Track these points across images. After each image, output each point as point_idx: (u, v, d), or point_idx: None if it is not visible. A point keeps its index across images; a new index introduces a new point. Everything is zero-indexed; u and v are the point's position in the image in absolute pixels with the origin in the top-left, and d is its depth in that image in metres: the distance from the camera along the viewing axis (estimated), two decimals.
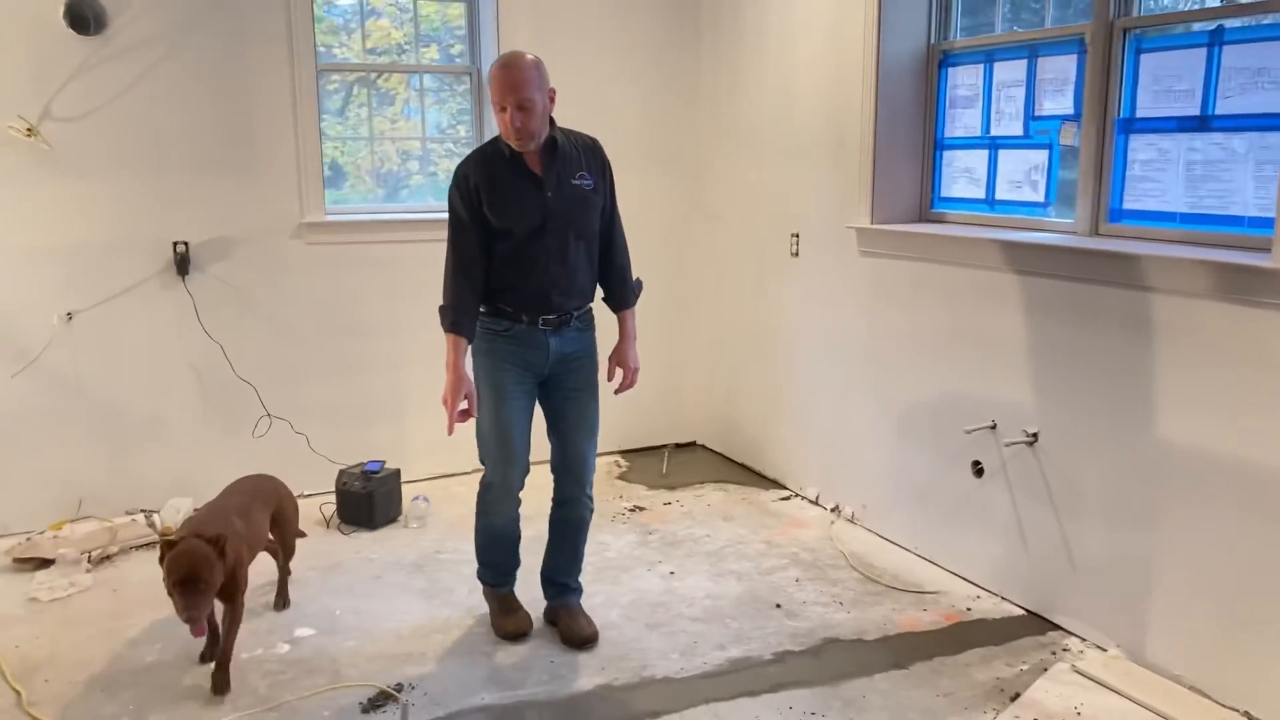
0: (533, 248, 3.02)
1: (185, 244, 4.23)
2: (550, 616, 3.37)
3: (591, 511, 3.32)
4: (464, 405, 3.03)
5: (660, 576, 3.75)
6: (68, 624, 3.39)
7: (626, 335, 3.29)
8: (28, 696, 2.93)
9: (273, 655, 3.18)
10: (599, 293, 3.27)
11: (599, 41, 4.81)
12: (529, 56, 2.95)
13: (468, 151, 3.24)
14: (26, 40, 3.91)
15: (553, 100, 3.01)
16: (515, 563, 3.38)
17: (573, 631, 3.26)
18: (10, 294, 4.01)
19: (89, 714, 2.86)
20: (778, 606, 3.51)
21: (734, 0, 4.73)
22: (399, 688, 2.97)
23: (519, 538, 3.34)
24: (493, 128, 4.67)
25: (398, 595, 3.61)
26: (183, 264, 4.22)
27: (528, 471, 3.22)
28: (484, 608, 3.45)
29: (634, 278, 3.30)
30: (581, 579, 3.41)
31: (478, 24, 4.74)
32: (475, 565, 3.42)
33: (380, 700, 2.91)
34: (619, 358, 3.30)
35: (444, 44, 4.86)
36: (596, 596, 3.56)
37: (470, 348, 3.07)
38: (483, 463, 3.21)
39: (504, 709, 2.89)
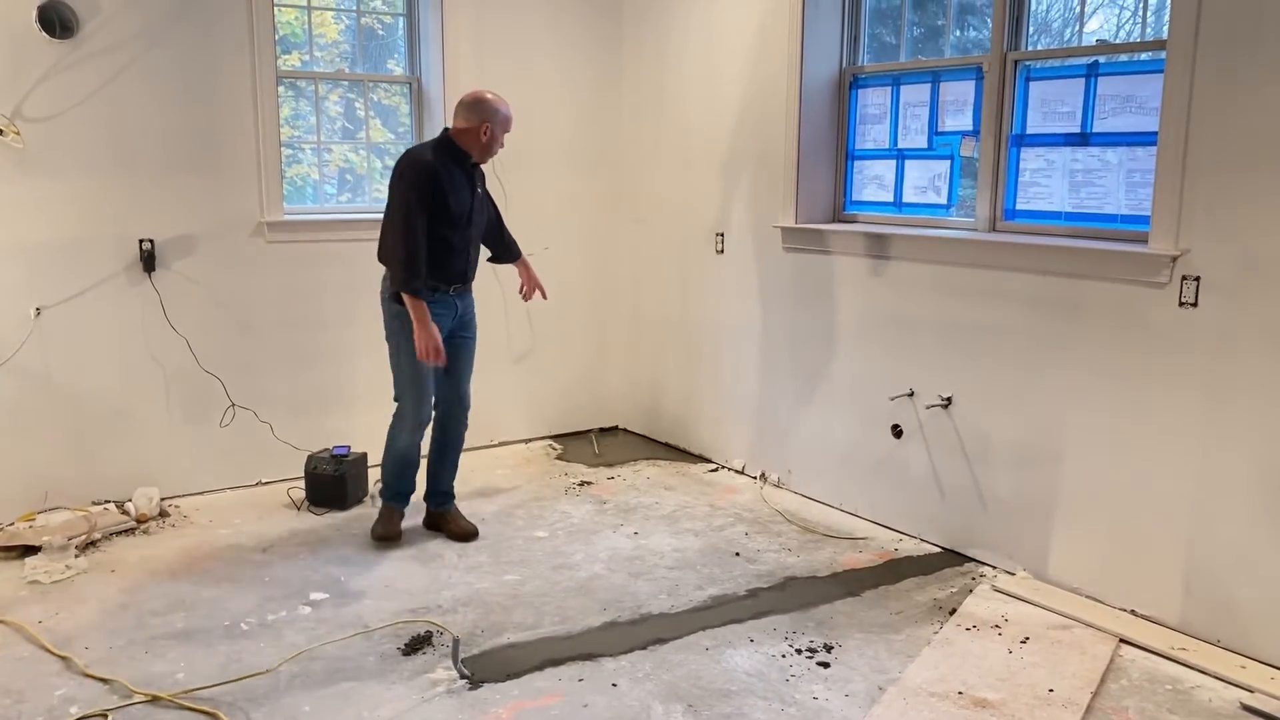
0: (462, 233, 3.95)
1: (151, 241, 4.38)
2: (431, 522, 4.23)
3: (466, 427, 4.24)
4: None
5: (626, 537, 4.19)
6: (80, 601, 3.54)
7: (525, 262, 4.36)
8: (77, 661, 3.11)
9: (298, 615, 3.45)
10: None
11: (530, 53, 5.21)
12: None
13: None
14: None
15: None
16: (413, 488, 4.18)
17: (459, 527, 4.15)
18: None
19: (142, 672, 3.06)
20: (737, 555, 4.01)
21: (656, 28, 5.24)
22: (429, 635, 3.31)
23: (418, 465, 4.15)
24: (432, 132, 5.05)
25: (394, 562, 3.91)
26: (148, 261, 4.37)
27: (435, 408, 4.11)
28: (484, 567, 3.84)
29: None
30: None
31: (418, 35, 5.07)
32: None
33: (416, 644, 3.24)
34: (524, 272, 4.34)
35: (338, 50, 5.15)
36: (576, 554, 3.98)
37: (395, 308, 3.89)
38: (398, 400, 4.04)
39: (531, 644, 3.28)
